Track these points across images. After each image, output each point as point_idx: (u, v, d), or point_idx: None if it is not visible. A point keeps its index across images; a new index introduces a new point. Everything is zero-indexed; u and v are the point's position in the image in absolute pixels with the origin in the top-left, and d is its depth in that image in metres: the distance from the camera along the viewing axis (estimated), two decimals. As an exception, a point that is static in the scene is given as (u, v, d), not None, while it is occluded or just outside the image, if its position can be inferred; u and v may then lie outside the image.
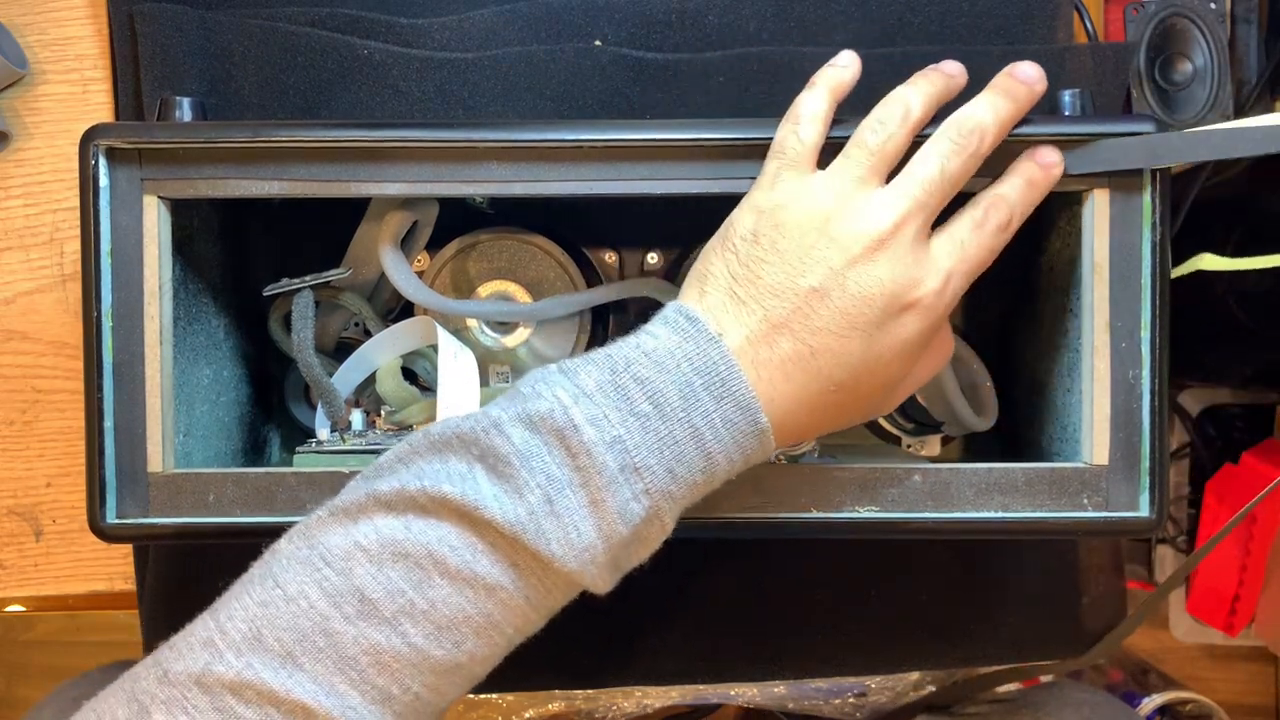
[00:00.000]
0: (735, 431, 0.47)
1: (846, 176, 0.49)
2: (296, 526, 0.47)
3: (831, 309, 0.48)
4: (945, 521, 0.55)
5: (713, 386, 0.46)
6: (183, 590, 0.70)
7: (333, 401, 0.61)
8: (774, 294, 0.48)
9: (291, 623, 0.43)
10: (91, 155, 0.54)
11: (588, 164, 0.55)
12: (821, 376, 0.48)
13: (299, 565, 0.45)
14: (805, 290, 0.48)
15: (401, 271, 0.61)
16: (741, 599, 0.73)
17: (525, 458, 0.44)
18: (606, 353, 0.47)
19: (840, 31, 0.69)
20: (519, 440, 0.44)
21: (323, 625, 0.43)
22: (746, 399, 0.46)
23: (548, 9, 0.69)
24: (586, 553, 0.45)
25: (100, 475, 0.55)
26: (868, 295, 0.48)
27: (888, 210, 0.48)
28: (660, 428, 0.45)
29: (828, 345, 0.48)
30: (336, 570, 0.44)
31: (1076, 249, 0.57)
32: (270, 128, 0.54)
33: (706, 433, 0.46)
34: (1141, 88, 0.75)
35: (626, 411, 0.45)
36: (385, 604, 0.43)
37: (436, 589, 0.44)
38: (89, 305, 0.55)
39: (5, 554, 0.74)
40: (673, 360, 0.46)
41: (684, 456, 0.46)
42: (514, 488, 0.44)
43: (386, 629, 0.43)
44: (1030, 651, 0.76)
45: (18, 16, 0.72)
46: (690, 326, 0.47)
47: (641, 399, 0.45)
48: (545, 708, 0.96)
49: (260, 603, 0.44)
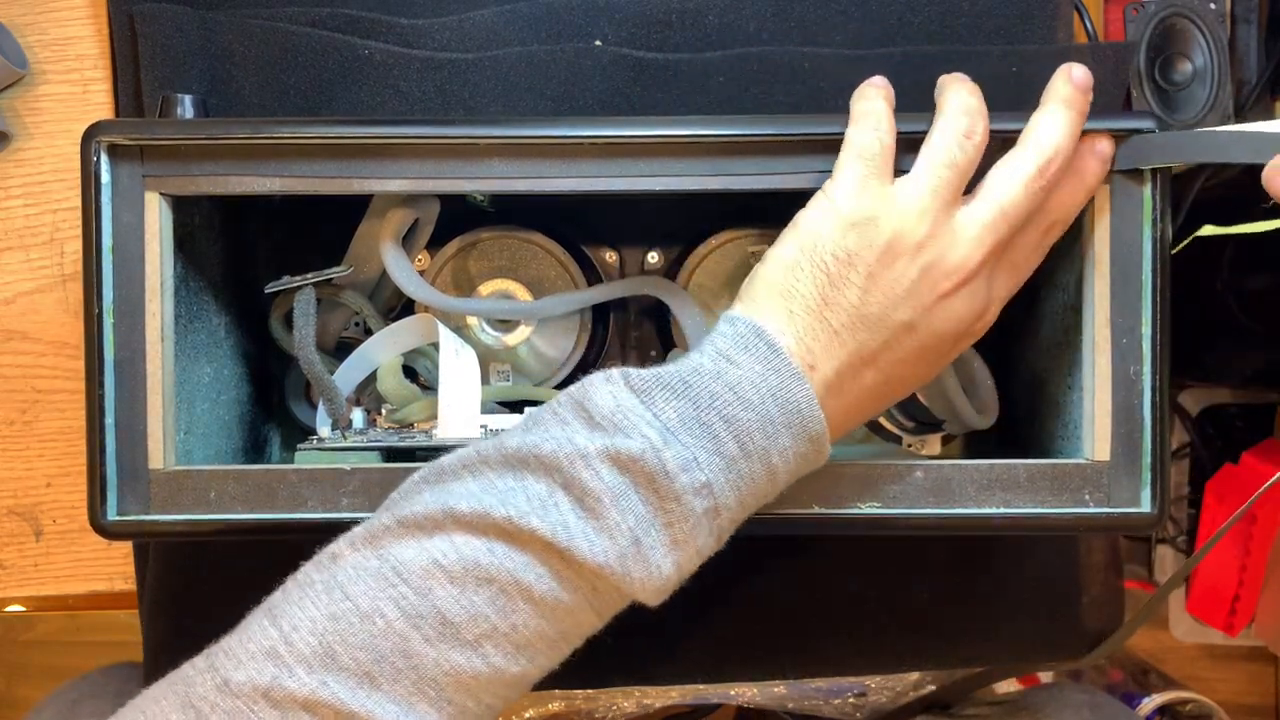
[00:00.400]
0: (803, 462, 0.48)
1: (936, 197, 0.49)
2: (357, 531, 0.46)
3: (914, 343, 0.49)
4: (947, 517, 0.55)
5: (793, 425, 0.47)
6: (183, 590, 0.70)
7: (334, 399, 0.61)
8: (868, 326, 0.48)
9: (368, 641, 0.43)
10: (93, 151, 0.54)
11: (589, 161, 0.55)
12: (886, 397, 0.51)
13: (371, 578, 0.44)
14: (898, 324, 0.48)
15: (403, 269, 0.61)
16: (741, 598, 0.72)
17: (615, 498, 0.44)
18: (684, 378, 0.46)
19: (840, 31, 0.69)
20: (609, 480, 0.44)
21: (402, 646, 0.43)
22: (820, 434, 0.47)
23: (548, 9, 0.69)
24: (663, 586, 0.46)
25: (101, 472, 0.55)
26: (946, 331, 0.49)
27: (978, 247, 0.48)
28: (743, 468, 0.46)
29: (902, 375, 0.49)
30: (414, 589, 0.43)
31: (1077, 246, 0.57)
32: (272, 124, 0.55)
33: (780, 466, 0.47)
34: (1141, 88, 0.75)
35: (714, 453, 0.45)
36: (468, 628, 0.43)
37: (520, 614, 0.44)
38: (90, 302, 0.55)
39: (5, 554, 0.74)
40: (757, 395, 0.46)
41: (756, 490, 0.47)
42: (603, 527, 0.44)
43: (468, 651, 0.43)
44: (1030, 651, 0.76)
45: (18, 16, 0.72)
46: (774, 357, 0.47)
47: (729, 439, 0.46)
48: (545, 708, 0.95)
49: (330, 615, 0.43)
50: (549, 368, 0.67)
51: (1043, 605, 0.73)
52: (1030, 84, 0.68)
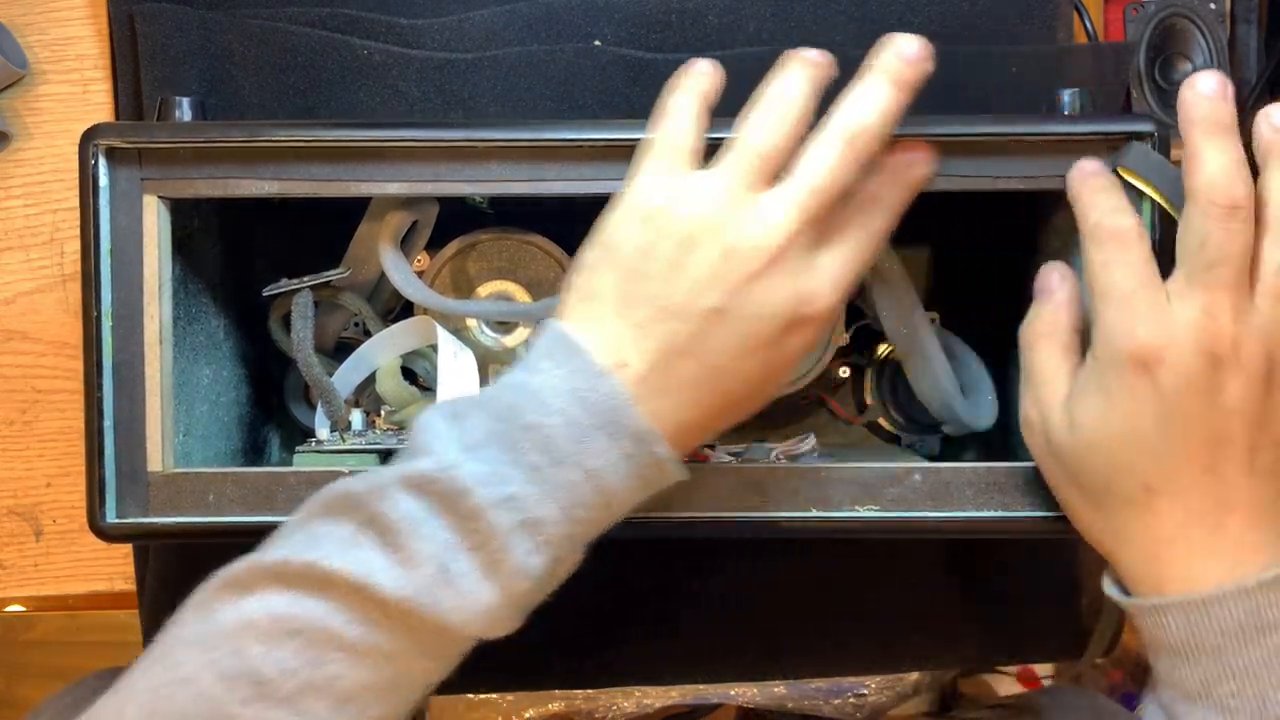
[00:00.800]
0: (634, 464, 0.45)
1: (734, 179, 0.46)
2: (195, 594, 0.45)
3: (731, 329, 0.45)
4: (945, 521, 0.55)
5: (606, 424, 0.44)
6: (183, 590, 0.69)
7: (332, 401, 0.61)
8: (672, 316, 0.45)
9: (186, 708, 0.41)
10: (91, 155, 0.54)
11: (588, 163, 0.55)
12: (720, 393, 0.47)
13: (193, 646, 0.43)
14: (706, 310, 0.45)
15: (401, 271, 0.61)
16: (741, 599, 0.72)
17: (414, 525, 0.42)
18: (493, 392, 0.45)
19: (840, 32, 0.69)
20: (405, 507, 0.43)
21: (218, 711, 0.41)
22: (643, 431, 0.45)
23: (547, 9, 0.69)
24: (486, 614, 0.43)
25: (100, 475, 0.55)
26: (765, 314, 0.46)
27: (783, 223, 0.45)
28: (553, 475, 0.44)
29: (729, 365, 0.46)
30: (229, 650, 0.42)
31: (1076, 248, 0.57)
32: (270, 127, 0.55)
33: (604, 471, 0.44)
34: (1141, 88, 0.75)
35: (516, 464, 0.43)
36: (282, 684, 0.41)
37: (334, 664, 0.42)
38: (89, 305, 0.55)
39: (5, 554, 0.74)
40: (560, 400, 0.44)
41: (581, 499, 0.44)
42: (405, 558, 0.42)
43: (285, 709, 0.41)
44: (1030, 651, 0.76)
45: (18, 16, 0.72)
46: (575, 359, 0.45)
47: (531, 449, 0.44)
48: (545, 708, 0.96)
49: (152, 688, 0.43)
50: (548, 369, 0.67)
51: (1042, 605, 0.73)
52: (1030, 84, 0.68)
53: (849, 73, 0.67)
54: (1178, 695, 0.47)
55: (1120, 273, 0.48)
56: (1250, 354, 0.46)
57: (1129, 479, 0.48)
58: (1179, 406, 0.46)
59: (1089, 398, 0.48)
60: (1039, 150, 0.55)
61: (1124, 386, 0.47)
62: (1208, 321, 0.46)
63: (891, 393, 0.68)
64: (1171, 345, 0.46)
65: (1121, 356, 0.47)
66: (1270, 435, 0.47)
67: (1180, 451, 0.47)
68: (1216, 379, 0.46)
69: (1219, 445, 0.46)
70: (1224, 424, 0.46)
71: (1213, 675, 0.45)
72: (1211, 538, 0.47)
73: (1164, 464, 0.47)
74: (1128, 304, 0.47)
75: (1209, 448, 0.46)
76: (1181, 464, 0.47)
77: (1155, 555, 0.48)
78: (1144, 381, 0.46)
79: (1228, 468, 0.46)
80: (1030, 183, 0.55)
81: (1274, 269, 0.46)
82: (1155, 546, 0.48)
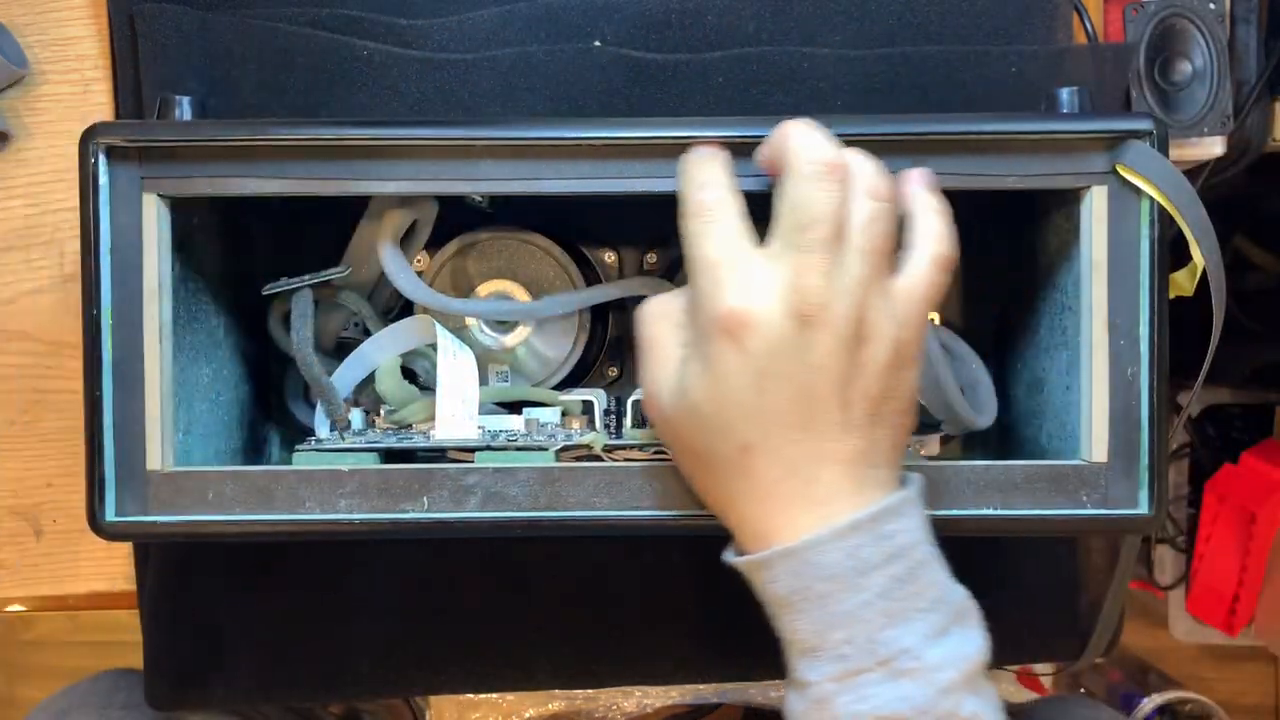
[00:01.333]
0: None
1: None
2: None
3: None
4: (945, 519, 0.55)
5: None
6: (183, 590, 0.70)
7: (332, 400, 0.61)
8: None
9: None
10: (91, 153, 0.54)
11: (587, 162, 0.55)
12: None
13: None
14: None
15: (401, 270, 0.61)
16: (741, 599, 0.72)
17: None
18: None
19: (840, 32, 0.69)
20: None
21: None
22: None
23: (547, 9, 0.69)
24: None
25: (99, 473, 0.55)
26: None
27: None
28: None
29: None
30: None
31: (1075, 246, 0.57)
32: (270, 126, 0.55)
33: None
34: (1141, 88, 0.75)
35: None
36: None
37: None
38: (88, 304, 0.55)
39: (5, 554, 0.74)
40: None
41: None
42: None
43: None
44: (1030, 651, 0.76)
45: (18, 16, 0.72)
46: None
47: None
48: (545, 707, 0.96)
49: None
50: (547, 368, 0.67)
51: (1043, 605, 0.73)
52: (1030, 84, 0.68)
53: (848, 73, 0.68)
54: (798, 655, 0.48)
55: (709, 243, 0.49)
56: (837, 313, 0.47)
57: (728, 440, 0.48)
58: (769, 367, 0.47)
59: (692, 365, 0.49)
60: (1039, 150, 0.55)
61: (718, 352, 0.47)
62: (797, 282, 0.47)
63: (891, 392, 0.68)
64: (759, 309, 0.47)
65: (713, 323, 0.47)
66: (860, 390, 0.48)
67: (773, 410, 0.47)
68: (805, 339, 0.47)
69: (810, 402, 0.47)
70: (814, 382, 0.47)
71: (823, 624, 0.47)
72: (807, 489, 0.48)
73: (758, 423, 0.48)
74: (715, 272, 0.48)
75: (800, 405, 0.47)
76: (774, 422, 0.48)
77: (758, 513, 0.49)
78: (734, 345, 0.47)
79: (819, 423, 0.48)
80: (1030, 182, 0.55)
81: (859, 225, 0.47)
82: (757, 504, 0.49)
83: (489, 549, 0.71)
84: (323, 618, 0.71)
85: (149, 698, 0.71)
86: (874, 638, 0.46)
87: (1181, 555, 1.09)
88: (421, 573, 0.71)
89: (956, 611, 0.49)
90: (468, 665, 0.72)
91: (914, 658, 0.46)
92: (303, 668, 0.71)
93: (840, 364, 0.47)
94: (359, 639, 0.71)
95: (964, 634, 0.48)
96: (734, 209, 0.50)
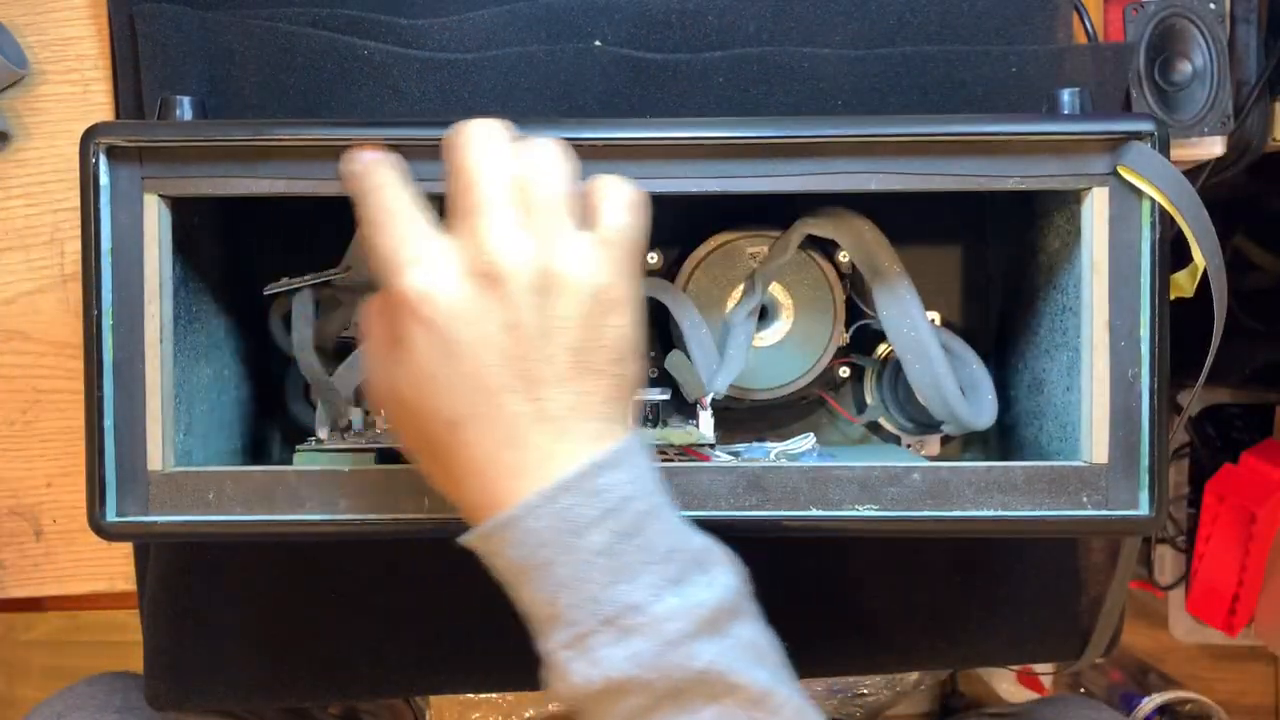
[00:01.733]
0: None
1: None
2: None
3: None
4: (945, 520, 0.55)
5: None
6: (183, 590, 0.70)
7: (333, 400, 0.61)
8: None
9: None
10: (92, 154, 0.54)
11: (588, 162, 0.55)
12: None
13: None
14: None
15: (401, 270, 0.61)
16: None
17: None
18: None
19: (840, 31, 0.69)
20: None
21: None
22: None
23: (548, 9, 0.69)
24: None
25: (100, 474, 0.55)
26: None
27: None
28: None
29: None
30: None
31: (1076, 247, 0.57)
32: (271, 126, 0.55)
33: None
34: (1141, 88, 0.75)
35: None
36: None
37: None
38: (89, 304, 0.55)
39: (5, 554, 0.74)
40: None
41: None
42: None
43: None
44: (1030, 651, 0.76)
45: (18, 16, 0.72)
46: None
47: None
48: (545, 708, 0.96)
49: None
50: (548, 368, 0.67)
51: (1043, 605, 0.73)
52: (1030, 84, 0.68)
53: (848, 73, 0.68)
54: (537, 630, 0.46)
55: (383, 236, 0.47)
56: (520, 265, 0.45)
57: (436, 420, 0.46)
58: (459, 333, 0.45)
59: (392, 354, 0.47)
60: (1040, 151, 0.55)
61: (407, 334, 0.46)
62: (470, 242, 0.46)
63: (892, 392, 0.68)
64: (436, 278, 0.45)
65: (398, 308, 0.46)
66: (560, 343, 0.46)
67: (470, 379, 0.46)
68: (489, 299, 0.45)
69: (508, 363, 0.45)
70: (507, 341, 0.45)
71: (550, 591, 0.45)
72: (519, 455, 0.46)
73: (460, 395, 0.46)
74: (393, 259, 0.46)
75: (499, 369, 0.45)
76: (473, 391, 0.46)
77: (476, 487, 0.47)
78: (418, 321, 0.45)
79: (522, 384, 0.46)
80: (1031, 184, 0.55)
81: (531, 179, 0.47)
82: (474, 478, 0.47)
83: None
84: (322, 618, 0.71)
85: (149, 698, 0.71)
86: (597, 597, 0.44)
87: (1181, 555, 1.09)
88: (421, 573, 0.71)
89: (695, 559, 0.46)
90: (468, 665, 0.72)
91: (640, 612, 0.44)
92: (303, 668, 0.71)
93: (533, 318, 0.45)
94: (358, 639, 0.71)
95: (702, 580, 0.46)
96: (405, 200, 0.48)
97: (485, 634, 0.71)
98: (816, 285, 0.66)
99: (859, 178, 0.55)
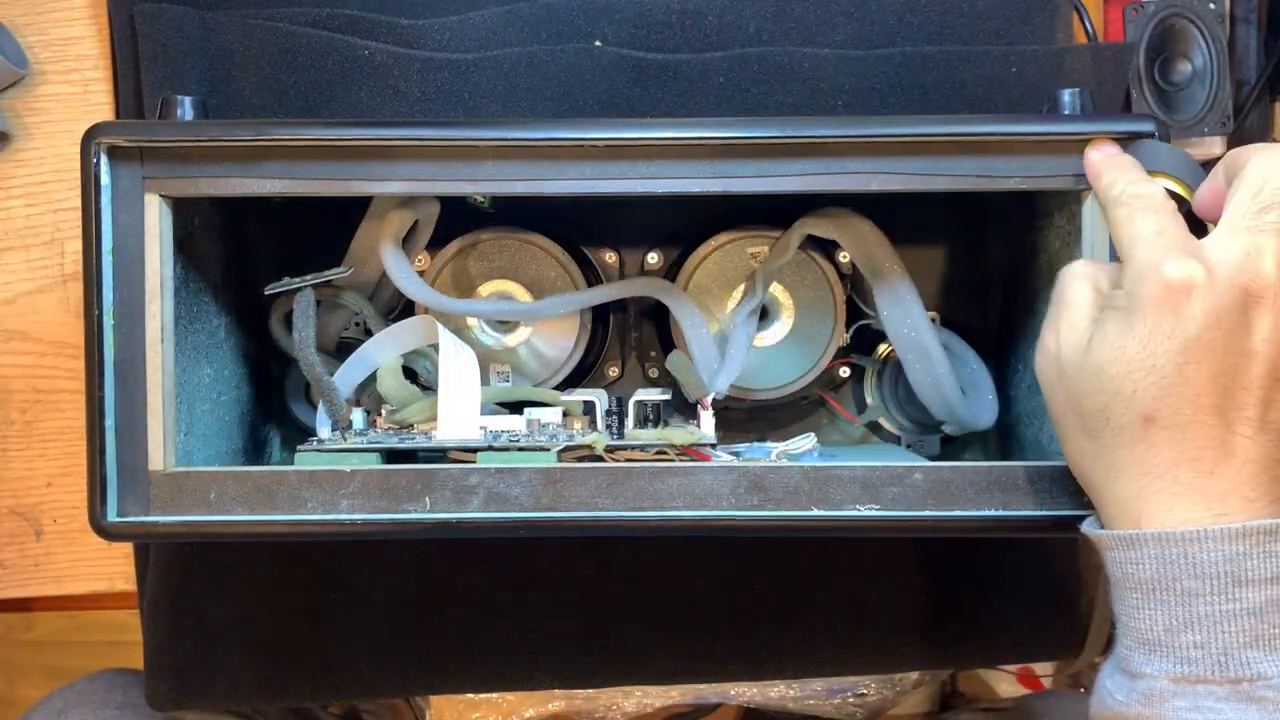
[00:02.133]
0: None
1: None
2: None
3: None
4: (946, 520, 0.55)
5: None
6: (183, 590, 0.70)
7: (334, 400, 0.61)
8: None
9: None
10: (93, 153, 0.54)
11: (589, 163, 0.55)
12: None
13: None
14: None
15: (402, 270, 0.61)
16: (741, 599, 0.72)
17: None
18: None
19: (840, 32, 0.69)
20: None
21: None
22: None
23: (548, 9, 0.69)
24: None
25: (101, 473, 0.55)
26: None
27: None
28: None
29: None
30: None
31: (1076, 248, 0.57)
32: (272, 126, 0.55)
33: None
34: (1141, 88, 0.75)
35: None
36: None
37: None
38: (90, 304, 0.55)
39: (5, 554, 0.74)
40: None
41: None
42: None
43: None
44: (1030, 651, 0.76)
45: (18, 16, 0.72)
46: None
47: None
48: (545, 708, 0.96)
49: None
50: (549, 368, 0.67)
51: (1043, 605, 0.73)
52: (1030, 84, 0.68)
53: (848, 73, 0.68)
54: (1136, 645, 0.45)
55: (1149, 218, 0.47)
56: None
57: (1130, 407, 0.45)
58: (1201, 337, 0.44)
59: (1110, 324, 0.46)
60: (1041, 151, 0.55)
61: (1149, 312, 0.45)
62: (1248, 260, 0.44)
63: (892, 392, 0.68)
64: (1206, 275, 0.44)
65: (1153, 283, 0.45)
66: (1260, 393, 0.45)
67: (1191, 385, 0.44)
68: (1247, 318, 0.44)
69: (1232, 387, 0.44)
70: (1244, 366, 0.44)
71: (1179, 621, 0.44)
72: (1202, 481, 0.44)
73: (1170, 395, 0.45)
74: (1158, 240, 0.46)
75: (1221, 387, 0.44)
76: (1188, 398, 0.44)
77: (1140, 490, 0.46)
78: (1169, 311, 0.44)
79: (1235, 413, 0.44)
80: (1030, 183, 0.55)
81: None
82: (1143, 480, 0.46)
83: (490, 549, 0.71)
84: (322, 618, 0.71)
85: (149, 698, 0.71)
86: (1230, 653, 0.43)
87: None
88: (422, 573, 0.71)
89: None
90: (468, 665, 0.72)
91: (1271, 687, 0.42)
92: (303, 668, 0.71)
93: (1275, 355, 0.44)
94: (358, 639, 0.71)
95: None
96: (1170, 203, 0.48)
97: (485, 634, 0.71)
98: (817, 285, 0.66)
99: (859, 178, 0.55)
